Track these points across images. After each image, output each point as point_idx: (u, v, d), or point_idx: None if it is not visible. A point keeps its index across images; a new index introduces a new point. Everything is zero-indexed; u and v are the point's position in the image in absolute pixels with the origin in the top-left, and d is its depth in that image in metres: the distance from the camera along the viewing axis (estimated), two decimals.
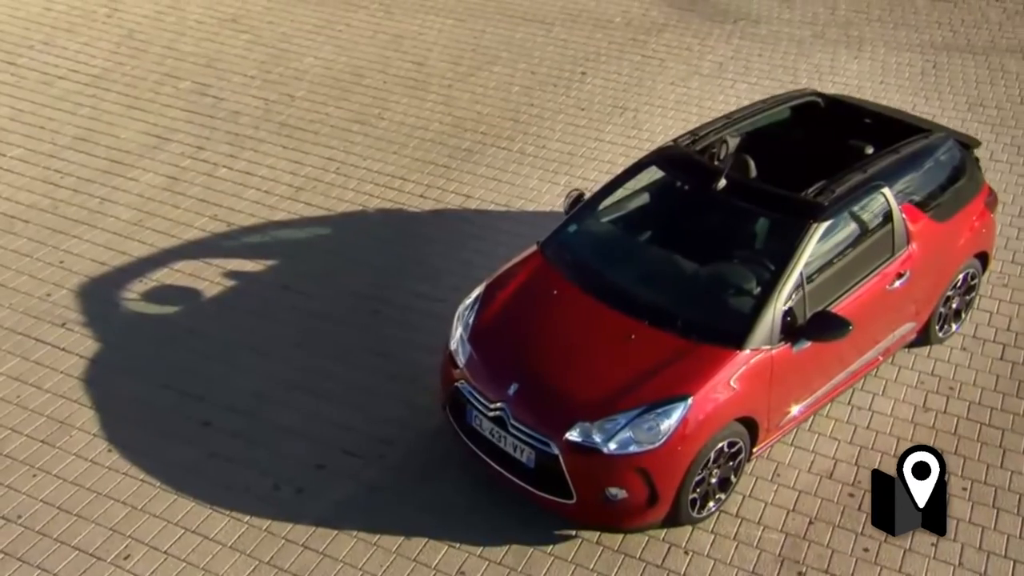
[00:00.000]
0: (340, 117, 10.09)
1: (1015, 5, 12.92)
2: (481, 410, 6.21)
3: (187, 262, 8.21)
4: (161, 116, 10.00)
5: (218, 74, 10.72)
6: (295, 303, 7.87)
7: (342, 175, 9.26)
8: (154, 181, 9.09)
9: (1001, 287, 8.28)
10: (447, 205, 8.97)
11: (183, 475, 6.50)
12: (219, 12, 11.94)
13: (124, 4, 12.06)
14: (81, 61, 10.89)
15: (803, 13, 12.52)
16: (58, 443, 6.69)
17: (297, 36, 11.49)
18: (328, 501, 6.41)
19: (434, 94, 10.52)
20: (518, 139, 9.86)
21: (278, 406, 7.01)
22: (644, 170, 7.08)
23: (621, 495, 5.94)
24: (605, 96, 10.61)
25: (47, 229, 8.50)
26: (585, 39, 11.66)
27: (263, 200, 8.92)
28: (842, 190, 6.61)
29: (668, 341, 6.16)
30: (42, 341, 7.45)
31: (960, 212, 7.35)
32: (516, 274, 6.73)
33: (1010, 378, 7.49)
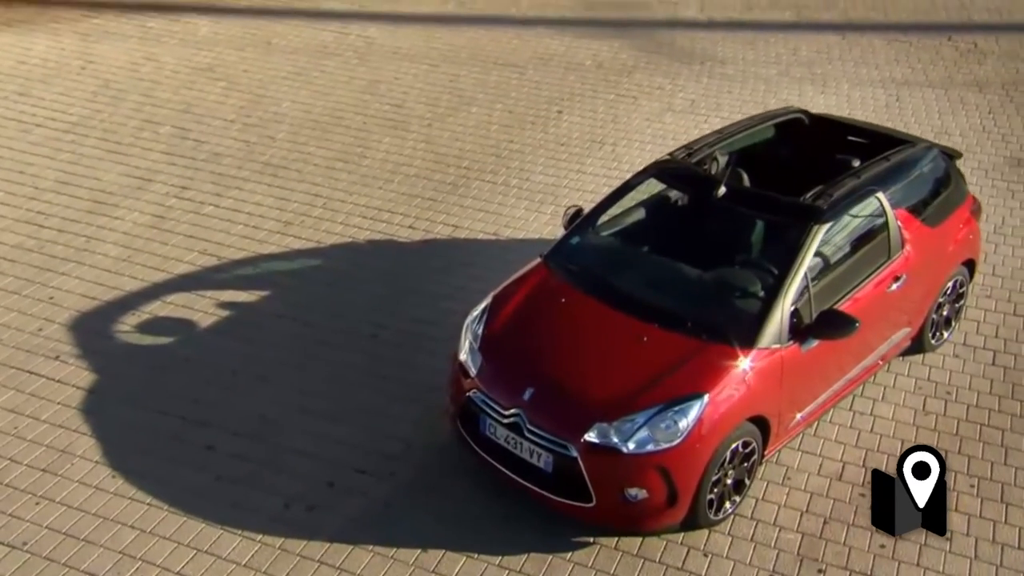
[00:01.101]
0: (323, 156, 10.12)
1: (966, 44, 13.37)
2: (496, 417, 6.18)
3: (179, 294, 8.13)
4: (142, 159, 9.96)
5: (197, 119, 10.72)
6: (292, 330, 7.81)
7: (329, 210, 9.27)
8: (140, 220, 9.03)
9: (985, 298, 8.46)
10: (436, 235, 9.00)
11: (190, 498, 6.37)
12: (194, 62, 11.98)
13: (98, 56, 12.06)
14: (58, 110, 10.84)
15: (766, 54, 12.84)
16: (60, 471, 6.53)
17: (273, 83, 11.55)
18: (341, 517, 6.31)
19: (414, 133, 10.61)
20: (501, 172, 9.96)
21: (283, 428, 6.92)
22: (642, 182, 7.19)
23: (641, 495, 5.92)
24: (583, 132, 10.77)
25: (34, 267, 8.38)
26: (558, 80, 11.86)
27: (252, 235, 8.88)
28: (839, 194, 6.76)
29: (680, 342, 6.20)
30: (36, 374, 7.30)
31: (949, 219, 7.54)
32: (522, 285, 6.76)
33: (1004, 381, 7.61)
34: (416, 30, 13.04)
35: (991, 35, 13.64)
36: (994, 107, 11.68)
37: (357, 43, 12.63)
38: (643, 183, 7.20)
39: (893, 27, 13.79)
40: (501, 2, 14.14)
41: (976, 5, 14.56)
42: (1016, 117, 11.49)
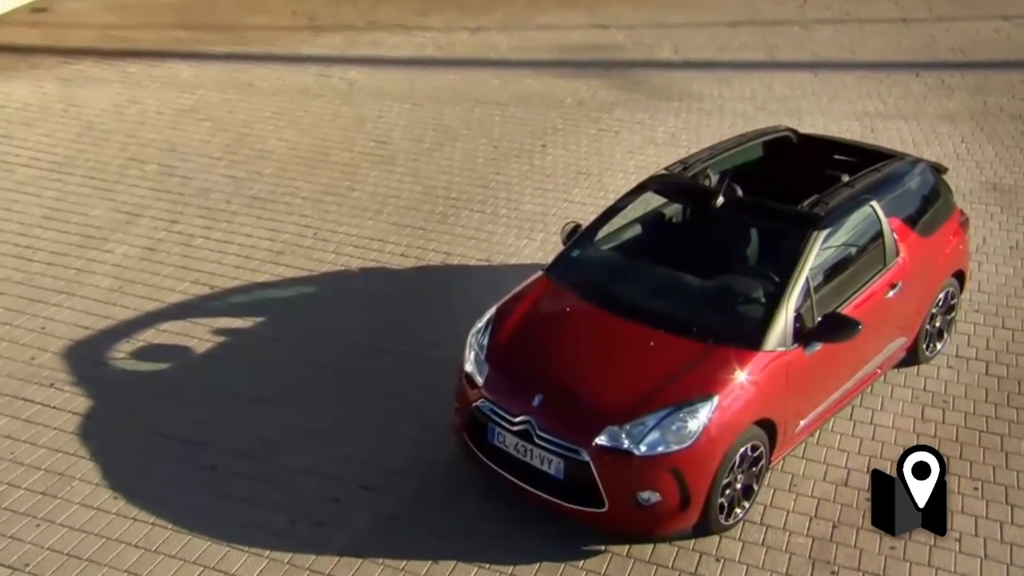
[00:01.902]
0: (311, 189, 10.14)
1: (934, 80, 13.68)
2: (505, 425, 6.15)
3: (173, 322, 8.07)
4: (130, 195, 9.93)
5: (183, 157, 10.73)
6: (289, 355, 7.76)
7: (321, 240, 9.27)
8: (130, 252, 8.98)
9: (973, 312, 8.57)
10: (429, 262, 9.02)
11: (195, 517, 6.27)
12: (177, 104, 12.01)
13: (80, 99, 12.06)
14: (42, 150, 10.81)
15: (741, 90, 13.07)
16: (60, 494, 6.41)
17: (258, 122, 11.59)
18: (349, 532, 6.22)
19: (401, 167, 10.67)
20: (490, 202, 10.02)
21: (285, 448, 6.85)
22: (639, 196, 7.27)
23: (654, 498, 5.90)
24: (568, 164, 10.88)
25: (23, 299, 8.29)
26: (540, 117, 11.99)
27: (244, 264, 8.86)
28: (835, 203, 6.86)
29: (687, 346, 6.23)
30: (31, 401, 7.19)
31: (939, 230, 7.67)
32: (525, 297, 6.78)
33: (998, 390, 7.69)
34: (397, 72, 13.17)
35: (956, 72, 13.98)
36: (966, 136, 11.94)
37: (339, 85, 12.73)
38: (640, 197, 7.27)
39: (863, 65, 14.10)
40: (479, 46, 14.33)
41: (940, 45, 14.93)
42: (987, 145, 11.75)
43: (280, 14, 15.30)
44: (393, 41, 14.34)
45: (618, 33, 14.95)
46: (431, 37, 14.52)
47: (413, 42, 14.32)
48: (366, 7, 15.70)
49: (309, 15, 15.27)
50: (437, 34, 14.65)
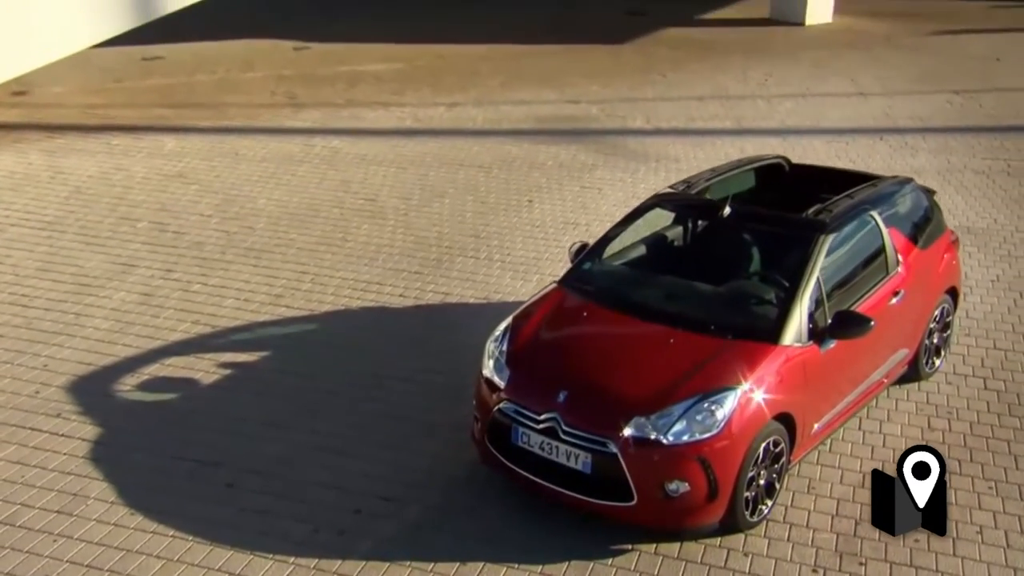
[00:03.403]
0: (305, 241, 10.22)
1: (897, 143, 14.16)
2: (529, 424, 6.15)
3: (177, 358, 8.02)
4: (123, 249, 9.93)
5: (174, 215, 10.78)
6: (298, 384, 7.73)
7: (319, 284, 9.31)
8: (128, 298, 8.94)
9: (965, 336, 8.76)
10: (428, 301, 9.09)
11: (215, 528, 6.16)
12: (164, 171, 12.10)
13: (66, 168, 12.11)
14: (31, 212, 10.81)
15: (715, 153, 13.37)
16: (75, 511, 6.28)
17: (246, 185, 11.70)
18: (373, 539, 6.14)
19: (392, 221, 10.79)
20: (483, 250, 10.14)
21: (302, 466, 6.78)
22: (646, 213, 7.44)
23: (683, 488, 5.90)
24: (555, 217, 11.07)
25: (23, 341, 8.21)
26: (524, 177, 12.23)
27: (244, 307, 8.85)
28: (838, 211, 7.07)
29: (708, 342, 6.33)
30: (38, 430, 7.08)
31: (933, 245, 7.90)
32: (541, 305, 6.86)
33: (999, 403, 7.83)
34: (379, 141, 13.41)
35: (918, 135, 14.50)
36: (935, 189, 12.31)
37: (323, 152, 12.92)
38: (647, 213, 7.44)
39: (828, 131, 14.58)
40: (457, 119, 14.65)
41: (898, 115, 15.50)
42: (957, 196, 12.14)
43: (260, 94, 15.57)
44: (372, 115, 14.63)
45: (590, 107, 15.37)
46: (409, 111, 14.84)
47: (392, 116, 14.61)
48: (343, 88, 16.04)
49: (288, 95, 15.55)
50: (415, 109, 14.97)
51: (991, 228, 11.22)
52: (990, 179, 12.81)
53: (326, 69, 17.13)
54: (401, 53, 18.21)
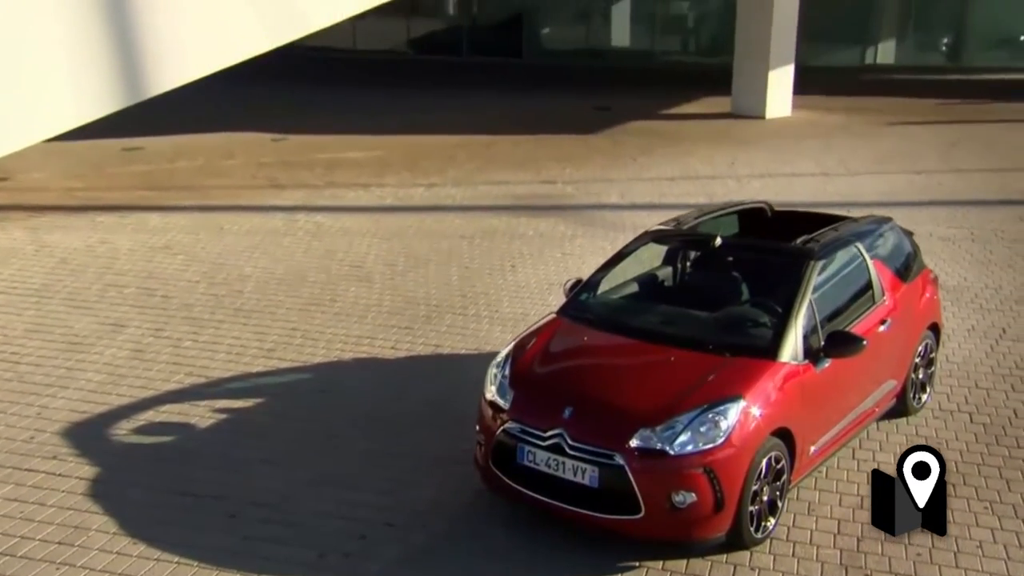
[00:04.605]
0: (294, 302, 10.30)
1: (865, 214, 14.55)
2: (535, 442, 6.20)
3: (172, 405, 8.01)
4: (111, 312, 9.97)
5: (161, 282, 10.84)
6: (295, 427, 7.73)
7: (310, 339, 9.37)
8: (119, 354, 8.95)
9: (947, 377, 8.93)
10: (420, 353, 9.16)
11: (220, 555, 6.11)
12: (149, 243, 12.20)
13: (51, 242, 12.18)
14: (18, 281, 10.84)
15: None
16: (76, 542, 6.21)
17: (231, 255, 11.81)
18: (381, 561, 6.12)
19: (379, 284, 10.92)
20: (471, 307, 10.27)
21: (304, 498, 6.76)
22: (638, 248, 7.65)
23: (689, 499, 5.95)
24: (539, 280, 11.24)
25: (15, 392, 8.19)
26: (506, 245, 12.44)
27: (236, 360, 8.89)
28: (825, 240, 7.31)
29: (708, 359, 6.46)
30: (35, 471, 7.03)
31: (916, 280, 8.14)
32: (541, 332, 6.97)
33: (986, 434, 7.97)
34: (361, 216, 13.62)
35: (884, 209, 14.64)
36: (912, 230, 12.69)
37: (307, 226, 13.09)
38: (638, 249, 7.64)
39: (796, 205, 14.94)
40: (436, 196, 14.93)
41: (863, 192, 15.92)
42: (927, 259, 12.09)
43: (241, 178, 15.82)
44: (353, 195, 14.88)
45: (566, 186, 15.72)
46: (389, 191, 15.11)
47: (373, 195, 14.87)
48: (322, 172, 16.32)
49: (269, 178, 15.80)
50: (395, 189, 15.25)
51: (962, 286, 11.52)
52: (956, 245, 13.19)
53: (304, 156, 17.45)
54: (377, 143, 18.60)
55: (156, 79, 12.75)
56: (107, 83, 12.42)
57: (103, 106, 12.63)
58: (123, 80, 12.52)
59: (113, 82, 12.45)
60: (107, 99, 12.57)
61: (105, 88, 12.47)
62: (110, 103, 12.61)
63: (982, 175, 17.15)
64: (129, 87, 12.65)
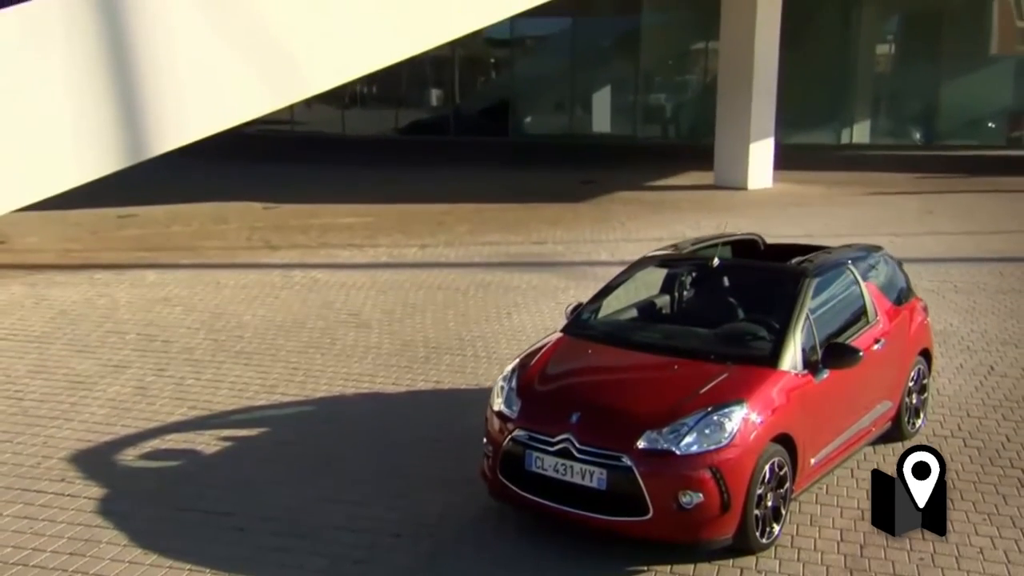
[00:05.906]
0: (294, 345, 10.42)
1: None
2: (543, 448, 6.31)
3: (177, 434, 8.09)
4: (113, 355, 10.06)
5: (161, 329, 10.95)
6: (300, 452, 7.81)
7: (311, 377, 9.48)
8: (122, 392, 9.03)
9: (939, 408, 9.10)
10: (421, 388, 9.28)
11: (232, 563, 6.17)
12: (147, 297, 12.33)
13: (50, 296, 12.30)
14: (18, 330, 10.92)
15: None
16: (88, 553, 6.25)
17: (230, 305, 11.95)
18: (391, 568, 6.18)
19: (377, 330, 11.06)
20: (468, 349, 10.42)
21: (313, 512, 6.82)
22: (637, 272, 7.86)
23: (696, 500, 6.05)
24: (535, 326, 11.40)
25: (21, 424, 8.24)
26: (500, 296, 12.63)
27: (239, 395, 8.98)
28: (819, 261, 7.54)
29: (711, 367, 6.62)
30: (43, 492, 7.07)
31: (907, 304, 8.36)
32: (546, 347, 7.12)
33: (980, 456, 8.11)
34: (357, 272, 13.80)
35: None
36: None
37: (303, 280, 13.27)
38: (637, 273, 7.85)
39: None
40: (430, 255, 15.14)
41: None
42: None
43: (235, 240, 16.03)
44: (347, 254, 15.09)
45: (556, 246, 15.99)
46: (383, 251, 15.33)
47: (367, 255, 15.08)
48: (316, 235, 16.55)
49: (264, 240, 16.01)
50: (388, 249, 15.47)
51: (948, 330, 11.75)
52: (941, 295, 13.44)
53: (297, 221, 17.71)
54: (368, 211, 18.88)
55: (158, 139, 12.98)
56: (109, 142, 12.65)
57: (105, 165, 12.82)
58: (125, 140, 12.74)
59: (115, 142, 12.67)
60: (109, 158, 12.77)
61: (107, 147, 12.68)
62: (112, 162, 12.81)
63: (959, 237, 17.54)
64: (131, 147, 12.87)
